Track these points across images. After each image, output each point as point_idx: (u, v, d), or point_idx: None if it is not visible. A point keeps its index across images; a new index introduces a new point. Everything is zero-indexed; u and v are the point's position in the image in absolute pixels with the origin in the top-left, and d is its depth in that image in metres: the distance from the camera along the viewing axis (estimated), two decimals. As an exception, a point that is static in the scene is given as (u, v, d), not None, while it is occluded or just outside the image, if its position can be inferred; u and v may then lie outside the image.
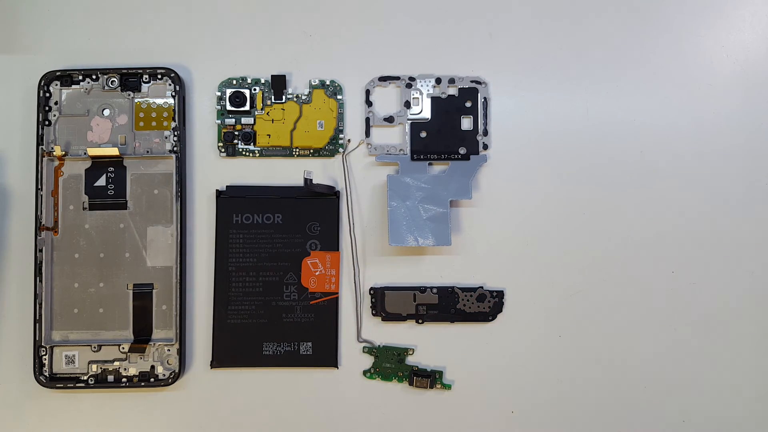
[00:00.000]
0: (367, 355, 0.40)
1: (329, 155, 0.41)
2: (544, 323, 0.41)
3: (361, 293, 0.41)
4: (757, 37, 0.41)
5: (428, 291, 0.40)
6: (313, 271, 0.40)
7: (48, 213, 0.39)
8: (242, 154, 0.41)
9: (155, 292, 0.40)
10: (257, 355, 0.40)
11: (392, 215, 0.39)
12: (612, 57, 0.41)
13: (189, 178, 0.41)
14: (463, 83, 0.41)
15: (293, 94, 0.41)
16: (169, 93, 0.40)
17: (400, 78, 0.41)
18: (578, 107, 0.41)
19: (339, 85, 0.41)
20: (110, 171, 0.40)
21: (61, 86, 0.40)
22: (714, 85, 0.41)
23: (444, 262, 0.41)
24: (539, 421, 0.40)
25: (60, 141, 0.40)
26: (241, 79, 0.41)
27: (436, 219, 0.39)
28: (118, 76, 0.40)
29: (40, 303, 0.39)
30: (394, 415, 0.40)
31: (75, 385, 0.39)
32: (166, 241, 0.40)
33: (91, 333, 0.39)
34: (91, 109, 0.40)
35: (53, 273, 0.39)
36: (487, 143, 0.41)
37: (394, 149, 0.41)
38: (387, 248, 0.41)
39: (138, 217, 0.40)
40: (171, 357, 0.40)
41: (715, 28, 0.41)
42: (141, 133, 0.40)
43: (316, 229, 0.40)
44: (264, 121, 0.41)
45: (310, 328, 0.40)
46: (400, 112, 0.41)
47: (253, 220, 0.40)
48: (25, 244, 0.40)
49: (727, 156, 0.41)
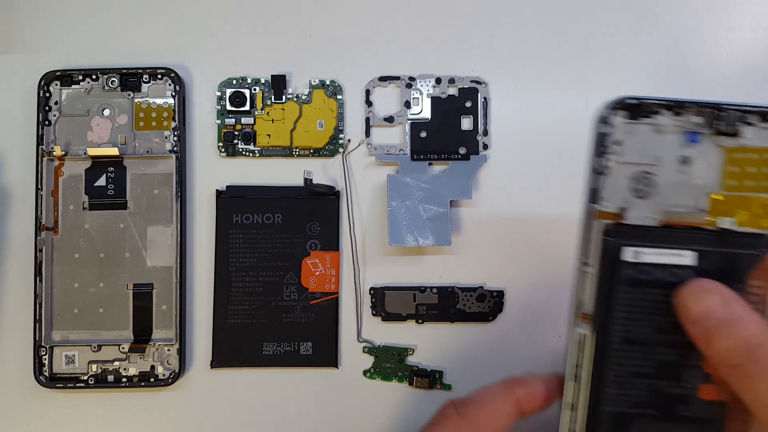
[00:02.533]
0: (367, 355, 0.40)
1: (329, 155, 0.41)
2: (544, 323, 0.41)
3: (361, 293, 0.41)
4: (757, 37, 0.41)
5: (428, 291, 0.40)
6: (313, 271, 0.40)
7: (48, 213, 0.39)
8: (242, 154, 0.41)
9: (155, 292, 0.40)
10: (257, 355, 0.40)
11: (392, 215, 0.39)
12: (612, 57, 0.41)
13: (189, 178, 0.41)
14: (463, 83, 0.41)
15: (293, 94, 0.41)
16: (169, 93, 0.40)
17: (400, 78, 0.41)
18: (578, 107, 0.41)
19: (339, 85, 0.41)
20: (110, 171, 0.40)
21: (61, 86, 0.40)
22: (714, 85, 0.41)
23: (444, 262, 0.41)
24: (539, 420, 0.40)
25: (60, 141, 0.40)
26: (241, 79, 0.41)
27: (436, 219, 0.39)
28: (118, 76, 0.40)
29: (40, 303, 0.39)
30: (394, 415, 0.40)
31: (75, 385, 0.39)
32: (166, 241, 0.40)
33: (91, 333, 0.39)
34: (91, 109, 0.40)
35: (53, 273, 0.39)
36: (487, 143, 0.41)
37: (394, 149, 0.41)
38: (387, 248, 0.41)
39: (138, 217, 0.40)
40: (171, 357, 0.40)
41: (715, 28, 0.41)
42: (141, 133, 0.40)
43: (316, 229, 0.40)
44: (264, 121, 0.41)
45: (310, 328, 0.40)
46: (400, 112, 0.41)
47: (253, 220, 0.40)
48: (25, 244, 0.40)
49: None
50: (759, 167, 0.26)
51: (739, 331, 0.24)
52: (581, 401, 0.27)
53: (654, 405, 0.26)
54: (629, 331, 0.26)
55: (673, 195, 0.26)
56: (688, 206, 0.26)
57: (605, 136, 0.26)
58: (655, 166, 0.26)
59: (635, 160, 0.26)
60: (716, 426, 0.26)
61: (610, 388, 0.26)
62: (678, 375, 0.26)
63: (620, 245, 0.26)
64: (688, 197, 0.26)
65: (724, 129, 0.26)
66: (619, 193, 0.26)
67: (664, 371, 0.26)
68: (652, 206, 0.26)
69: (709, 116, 0.26)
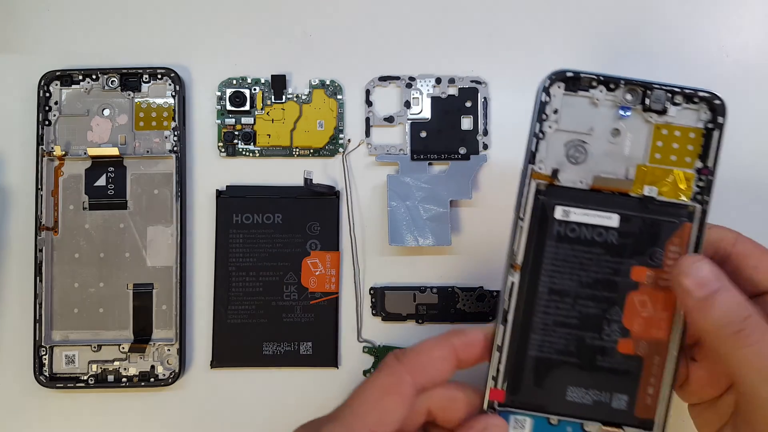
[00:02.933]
0: (368, 355, 0.40)
1: (329, 155, 0.41)
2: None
3: (361, 293, 0.41)
4: (757, 37, 0.41)
5: (428, 291, 0.40)
6: (313, 271, 0.40)
7: (48, 213, 0.39)
8: (242, 154, 0.41)
9: (155, 292, 0.40)
10: (257, 355, 0.40)
11: (392, 215, 0.39)
12: (611, 57, 0.41)
13: (189, 178, 0.41)
14: (463, 83, 0.41)
15: (293, 94, 0.41)
16: (169, 93, 0.40)
17: (400, 78, 0.41)
18: (578, 107, 0.41)
19: (339, 85, 0.41)
20: (110, 171, 0.40)
21: (61, 86, 0.40)
22: (713, 85, 0.41)
23: (444, 262, 0.41)
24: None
25: (60, 141, 0.40)
26: (241, 79, 0.41)
27: (436, 219, 0.39)
28: (118, 76, 0.40)
29: (40, 303, 0.39)
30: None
31: (75, 385, 0.39)
32: (166, 241, 0.40)
33: (91, 333, 0.39)
34: (91, 109, 0.40)
35: (53, 273, 0.39)
36: (487, 143, 0.41)
37: (394, 149, 0.41)
38: (387, 248, 0.41)
39: (138, 217, 0.40)
40: (171, 357, 0.40)
41: (715, 28, 0.41)
42: (141, 133, 0.40)
43: (316, 229, 0.40)
44: (264, 121, 0.41)
45: (310, 328, 0.40)
46: (400, 112, 0.41)
47: (253, 220, 0.40)
48: (25, 244, 0.40)
49: (727, 156, 0.41)
50: (682, 143, 0.29)
51: (734, 296, 0.26)
52: (508, 344, 0.29)
53: (575, 354, 0.29)
54: (555, 282, 0.29)
55: (604, 162, 0.29)
56: (617, 174, 0.29)
57: (544, 104, 0.29)
58: (588, 135, 0.29)
59: (571, 128, 0.29)
60: (632, 378, 0.29)
61: (535, 333, 0.29)
62: (599, 328, 0.29)
63: (552, 204, 0.29)
64: (617, 166, 0.29)
65: (653, 106, 0.29)
66: (554, 157, 0.29)
67: (586, 323, 0.29)
68: (583, 171, 0.29)
69: (640, 93, 0.29)
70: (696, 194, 0.29)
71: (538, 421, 0.29)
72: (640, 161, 0.29)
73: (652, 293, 0.29)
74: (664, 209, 0.29)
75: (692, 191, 0.29)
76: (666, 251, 0.28)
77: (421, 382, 0.29)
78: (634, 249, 0.29)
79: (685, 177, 0.29)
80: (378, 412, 0.28)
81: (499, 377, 0.29)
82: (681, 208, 0.29)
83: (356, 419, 0.28)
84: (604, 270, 0.29)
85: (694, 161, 0.29)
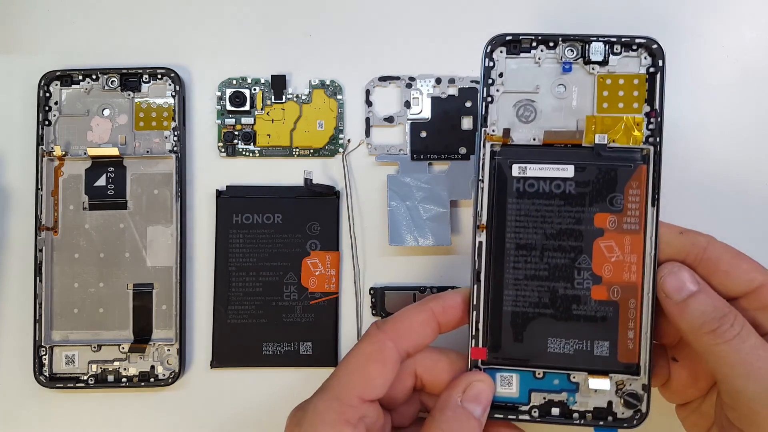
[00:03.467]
0: (367, 355, 0.40)
1: (329, 155, 0.41)
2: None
3: (361, 293, 0.41)
4: (757, 37, 0.41)
5: (428, 291, 0.40)
6: (313, 271, 0.40)
7: (48, 213, 0.39)
8: (242, 154, 0.41)
9: (155, 292, 0.40)
10: (257, 355, 0.40)
11: (392, 215, 0.39)
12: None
13: (189, 178, 0.41)
14: (463, 83, 0.41)
15: (293, 94, 0.41)
16: (169, 93, 0.40)
17: (400, 78, 0.41)
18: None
19: (339, 85, 0.41)
20: (110, 171, 0.40)
21: (61, 86, 0.40)
22: (713, 85, 0.41)
23: (444, 262, 0.41)
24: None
25: (60, 141, 0.40)
26: (241, 79, 0.41)
27: (436, 219, 0.39)
28: (118, 76, 0.40)
29: (40, 303, 0.39)
30: (394, 415, 0.40)
31: (75, 385, 0.39)
32: (166, 241, 0.40)
33: (91, 333, 0.39)
34: (91, 109, 0.40)
35: (53, 273, 0.39)
36: (487, 143, 0.41)
37: (394, 149, 0.41)
38: (387, 248, 0.41)
39: (138, 217, 0.40)
40: (171, 357, 0.40)
41: (715, 28, 0.41)
42: (141, 133, 0.40)
43: (316, 229, 0.40)
44: (264, 121, 0.41)
45: (310, 328, 0.40)
46: (400, 112, 0.41)
47: (253, 220, 0.40)
48: (25, 244, 0.40)
49: (727, 156, 0.41)
50: (627, 91, 0.30)
51: (709, 298, 0.28)
52: (483, 303, 0.30)
53: (550, 305, 0.30)
54: (521, 237, 0.30)
55: (553, 118, 0.30)
56: (567, 127, 0.30)
57: (489, 68, 0.31)
58: (535, 93, 0.31)
59: (517, 89, 0.31)
60: (611, 324, 0.29)
61: (508, 290, 0.30)
62: (570, 277, 0.29)
63: (507, 162, 0.30)
64: (567, 120, 0.30)
65: (593, 58, 0.30)
66: (505, 119, 0.31)
67: (557, 274, 0.30)
68: (534, 129, 0.30)
69: (579, 48, 0.30)
70: (647, 137, 0.30)
71: (523, 375, 0.30)
72: (588, 112, 0.30)
73: (618, 238, 0.29)
74: (619, 155, 0.30)
75: (644, 134, 0.30)
76: (626, 195, 0.29)
77: (404, 347, 0.30)
78: (594, 197, 0.29)
79: (635, 122, 0.30)
80: (364, 378, 0.29)
81: (479, 336, 0.30)
82: (634, 152, 0.30)
83: (343, 388, 0.29)
84: (567, 220, 0.29)
85: (642, 106, 0.30)
